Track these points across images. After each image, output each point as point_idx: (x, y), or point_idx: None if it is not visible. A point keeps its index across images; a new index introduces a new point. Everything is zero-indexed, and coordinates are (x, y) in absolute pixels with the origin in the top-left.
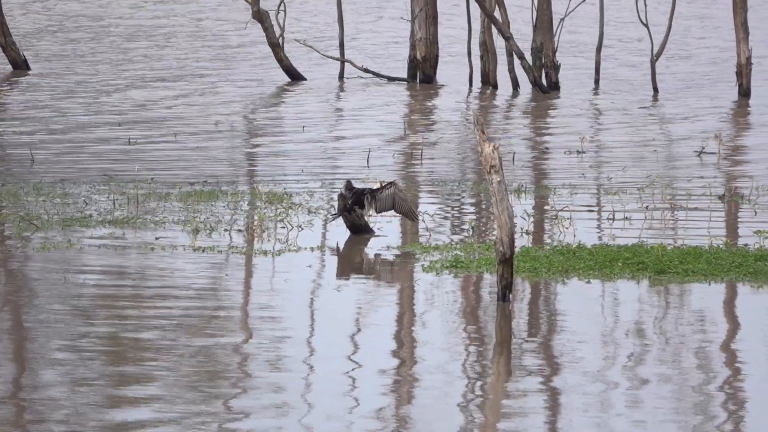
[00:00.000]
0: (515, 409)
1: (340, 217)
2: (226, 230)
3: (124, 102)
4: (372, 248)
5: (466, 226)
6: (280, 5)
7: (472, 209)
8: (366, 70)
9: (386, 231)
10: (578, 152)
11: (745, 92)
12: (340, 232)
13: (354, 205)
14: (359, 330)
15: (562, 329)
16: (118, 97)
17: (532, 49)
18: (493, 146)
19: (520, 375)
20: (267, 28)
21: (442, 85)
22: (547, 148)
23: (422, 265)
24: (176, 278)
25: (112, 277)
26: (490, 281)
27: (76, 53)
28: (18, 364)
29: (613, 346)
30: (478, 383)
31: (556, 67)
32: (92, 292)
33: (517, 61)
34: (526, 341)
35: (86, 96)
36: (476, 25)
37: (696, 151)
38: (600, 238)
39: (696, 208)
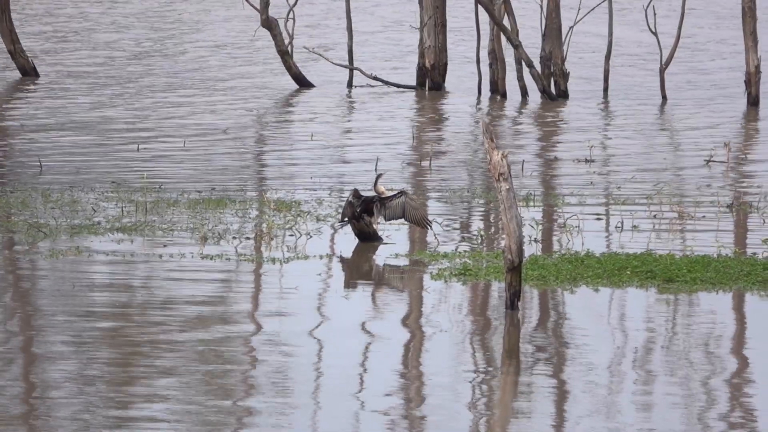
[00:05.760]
0: (522, 419)
1: (349, 225)
2: (234, 238)
3: (133, 108)
4: (380, 256)
5: (474, 235)
6: (288, 13)
7: (480, 217)
8: (375, 78)
9: (394, 239)
10: (587, 160)
11: (754, 101)
12: (349, 240)
13: (363, 212)
14: (367, 341)
15: (570, 337)
16: (126, 103)
17: (540, 57)
18: (502, 154)
19: (528, 382)
20: (276, 36)
21: (451, 93)
22: (556, 157)
23: (431, 273)
24: (183, 287)
25: (119, 285)
26: (498, 289)
27: (85, 60)
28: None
29: (621, 354)
30: (486, 393)
31: (565, 75)
32: (99, 299)
33: (526, 69)
34: (534, 349)
35: (95, 102)
36: (485, 33)
37: (705, 160)
38: (608, 246)
39: (704, 217)
